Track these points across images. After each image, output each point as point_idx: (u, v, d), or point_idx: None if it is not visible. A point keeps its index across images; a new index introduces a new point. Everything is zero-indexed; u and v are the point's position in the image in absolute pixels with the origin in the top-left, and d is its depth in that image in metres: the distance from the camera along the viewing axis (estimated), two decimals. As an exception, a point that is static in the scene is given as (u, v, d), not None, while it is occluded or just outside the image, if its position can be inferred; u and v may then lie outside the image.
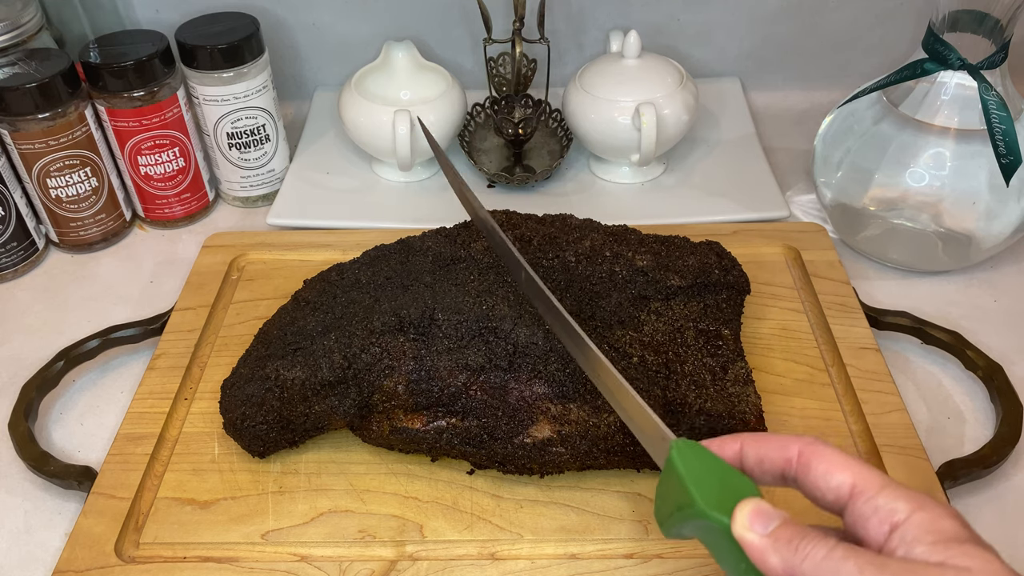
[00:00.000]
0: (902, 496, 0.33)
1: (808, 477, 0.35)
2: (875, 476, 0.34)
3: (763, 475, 0.37)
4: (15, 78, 0.64)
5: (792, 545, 0.33)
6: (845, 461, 0.35)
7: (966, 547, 0.31)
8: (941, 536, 0.32)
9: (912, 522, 0.32)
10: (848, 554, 0.31)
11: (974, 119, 0.58)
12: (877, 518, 0.33)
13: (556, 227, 0.58)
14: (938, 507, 0.33)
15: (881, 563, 0.31)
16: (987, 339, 0.60)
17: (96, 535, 0.48)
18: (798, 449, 0.36)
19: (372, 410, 0.50)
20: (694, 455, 0.36)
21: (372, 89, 0.74)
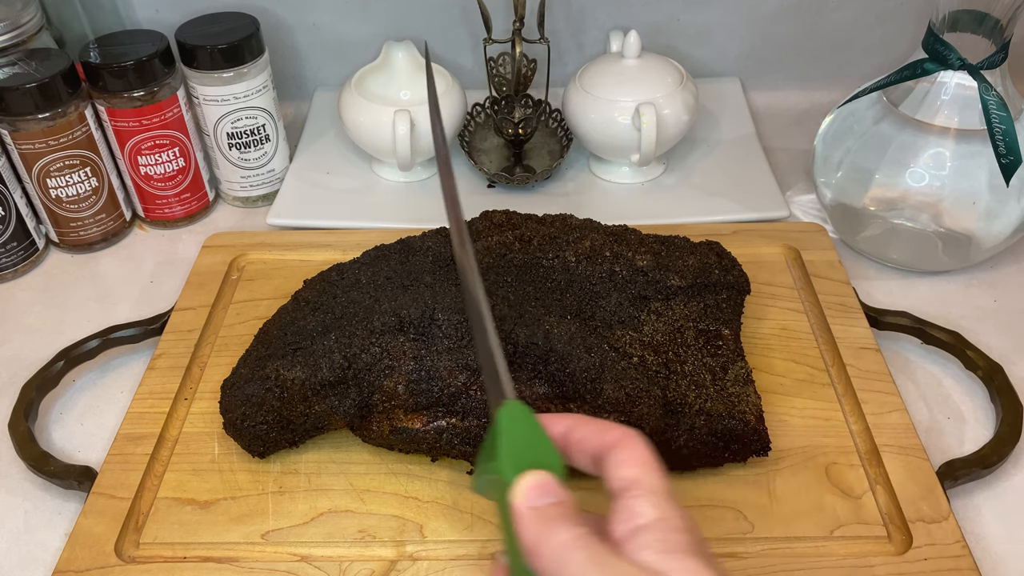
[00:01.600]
0: (655, 504, 0.34)
1: (607, 464, 0.36)
2: (653, 481, 0.35)
3: (580, 456, 0.37)
4: (15, 78, 0.64)
5: (548, 524, 0.33)
6: (641, 459, 0.35)
7: (689, 561, 0.32)
8: (671, 547, 0.32)
9: (651, 528, 0.33)
10: (584, 544, 0.32)
11: (974, 119, 0.58)
12: (627, 515, 0.34)
13: (556, 227, 0.58)
14: (681, 521, 0.34)
15: (607, 561, 0.32)
16: (987, 339, 0.60)
17: (96, 535, 0.48)
18: (615, 438, 0.36)
19: (372, 410, 0.50)
20: (520, 419, 0.36)
21: (372, 89, 0.74)
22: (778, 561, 0.46)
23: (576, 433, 0.37)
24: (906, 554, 0.46)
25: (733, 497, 0.50)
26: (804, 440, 0.53)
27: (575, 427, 0.38)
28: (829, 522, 0.48)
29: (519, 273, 0.54)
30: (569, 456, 0.38)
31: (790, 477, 0.50)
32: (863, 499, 0.49)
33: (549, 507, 0.34)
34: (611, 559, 0.32)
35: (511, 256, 0.55)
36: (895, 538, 0.47)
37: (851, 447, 0.52)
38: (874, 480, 0.50)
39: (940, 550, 0.46)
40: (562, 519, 0.33)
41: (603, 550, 0.32)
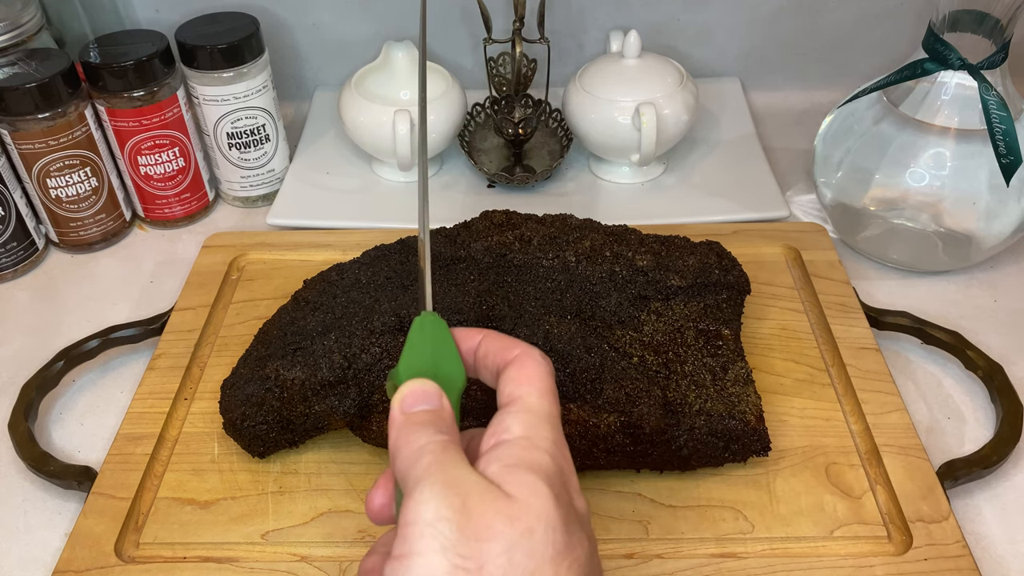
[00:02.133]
0: (524, 422, 0.33)
1: (500, 379, 0.35)
2: (532, 401, 0.34)
3: (484, 371, 0.37)
4: (15, 78, 0.64)
5: (412, 428, 0.33)
6: (529, 378, 0.35)
7: (526, 477, 0.31)
8: (517, 462, 0.31)
9: (510, 444, 0.32)
10: (434, 449, 0.32)
11: (974, 119, 0.58)
12: (496, 429, 0.33)
13: (556, 227, 0.58)
14: (544, 443, 0.32)
15: (448, 468, 0.31)
16: (987, 339, 0.60)
17: (96, 535, 0.48)
18: (514, 355, 0.36)
19: (372, 410, 0.50)
20: (431, 330, 0.37)
21: (372, 89, 0.74)
22: (778, 561, 0.46)
23: (482, 348, 0.37)
24: (906, 554, 0.46)
25: (733, 497, 0.50)
26: (804, 440, 0.53)
27: (484, 341, 0.37)
28: (829, 522, 0.48)
29: (519, 273, 0.54)
30: (477, 371, 0.37)
31: (790, 477, 0.50)
32: (863, 499, 0.49)
33: (420, 413, 0.34)
34: (454, 466, 0.31)
35: (511, 256, 0.55)
36: (895, 538, 0.47)
37: (851, 447, 0.52)
38: (874, 480, 0.50)
39: (940, 550, 0.46)
40: (427, 425, 0.33)
41: (451, 456, 0.32)
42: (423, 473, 0.31)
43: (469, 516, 0.29)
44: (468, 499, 0.30)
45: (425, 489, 0.30)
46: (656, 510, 0.49)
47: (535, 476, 0.31)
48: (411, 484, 0.31)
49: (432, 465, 0.31)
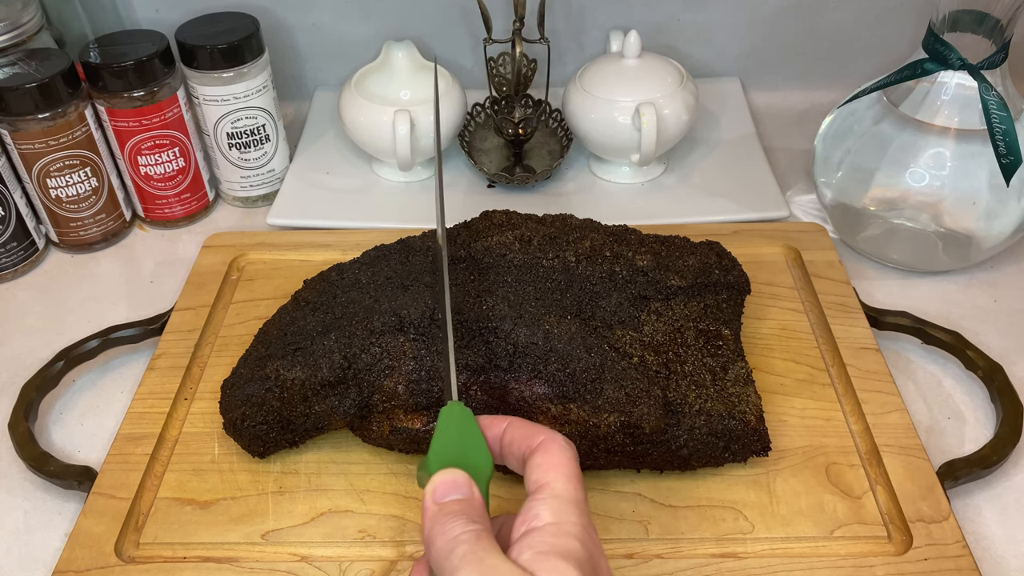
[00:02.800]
0: (553, 509, 0.34)
1: (527, 466, 0.37)
2: (559, 487, 0.35)
3: (511, 458, 0.38)
4: (15, 78, 0.64)
5: (445, 518, 0.34)
6: (556, 464, 0.36)
7: (558, 563, 0.32)
8: (549, 548, 0.33)
9: (541, 531, 0.34)
10: (468, 539, 0.33)
11: (974, 119, 0.58)
12: (526, 517, 0.35)
13: (556, 227, 0.58)
14: (575, 528, 0.34)
15: (483, 557, 0.32)
16: (987, 339, 0.60)
17: (96, 535, 0.48)
18: (539, 441, 0.37)
19: (372, 410, 0.50)
20: (458, 419, 0.39)
21: (372, 89, 0.74)
22: (778, 561, 0.46)
23: (507, 435, 0.38)
24: (906, 554, 0.46)
25: (733, 497, 0.50)
26: (804, 440, 0.53)
27: (508, 429, 0.38)
28: (829, 522, 0.48)
29: (519, 273, 0.54)
30: (504, 457, 0.39)
31: (790, 477, 0.50)
32: (863, 499, 0.49)
33: (452, 503, 0.35)
34: (488, 555, 0.32)
35: (511, 256, 0.55)
36: (895, 538, 0.47)
37: (851, 447, 0.52)
38: (874, 480, 0.50)
39: (940, 550, 0.46)
40: (459, 515, 0.34)
41: (485, 546, 0.33)
42: (459, 563, 0.32)
43: None
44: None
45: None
46: (656, 510, 0.49)
47: (566, 563, 0.32)
48: (448, 574, 0.32)
49: (468, 555, 0.32)
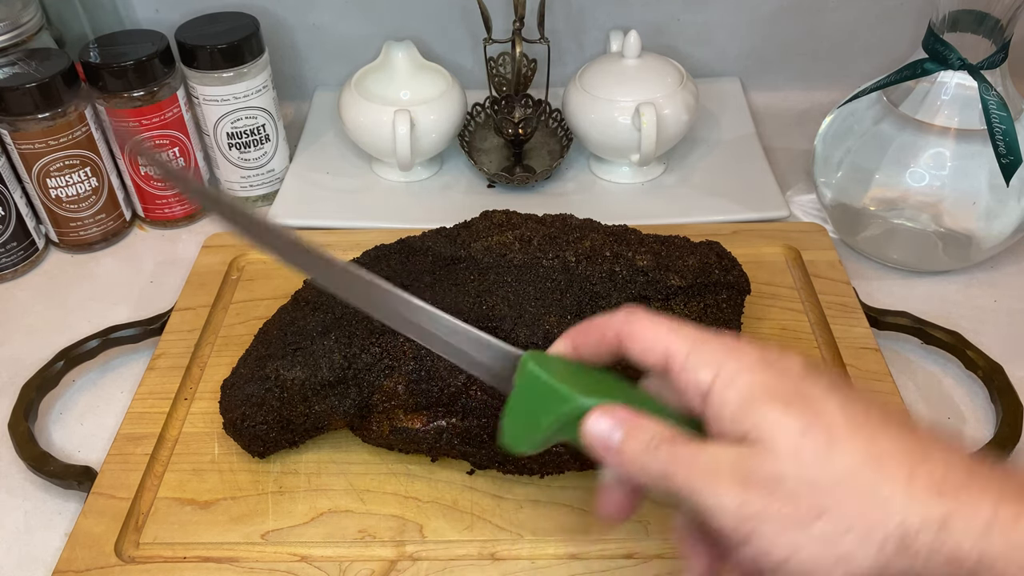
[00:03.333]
0: (705, 359, 0.31)
1: (629, 356, 0.34)
2: (682, 340, 0.32)
3: (598, 359, 0.36)
4: (15, 78, 0.64)
5: (646, 454, 0.32)
6: (655, 335, 0.33)
7: (766, 410, 0.30)
8: (741, 401, 0.30)
9: (715, 391, 0.31)
10: (682, 455, 0.31)
11: (974, 119, 0.58)
12: (690, 393, 0.32)
13: (556, 227, 0.58)
14: (745, 358, 0.31)
15: (680, 453, 0.31)
16: (987, 339, 0.60)
17: (96, 535, 0.48)
18: (615, 333, 0.34)
19: (372, 410, 0.50)
20: (547, 360, 0.36)
21: (372, 89, 0.74)
22: (778, 561, 0.46)
23: (582, 347, 0.36)
24: (906, 554, 0.46)
25: (733, 497, 0.50)
26: (804, 440, 0.52)
27: (575, 342, 0.36)
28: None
29: (519, 273, 0.54)
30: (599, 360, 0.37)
31: (790, 477, 0.50)
32: (863, 499, 0.49)
33: (632, 437, 0.33)
34: (705, 448, 0.31)
35: (511, 256, 0.55)
36: (895, 538, 0.47)
37: (851, 447, 0.52)
38: (874, 480, 0.50)
39: (940, 550, 0.46)
40: (649, 437, 0.32)
41: (683, 443, 0.31)
42: (705, 471, 0.30)
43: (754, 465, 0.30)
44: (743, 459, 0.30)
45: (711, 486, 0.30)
46: (656, 510, 0.49)
47: (771, 405, 0.30)
48: (703, 485, 0.30)
49: (677, 456, 0.31)
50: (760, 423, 0.30)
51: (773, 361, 0.31)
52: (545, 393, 0.35)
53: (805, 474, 0.29)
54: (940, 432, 0.31)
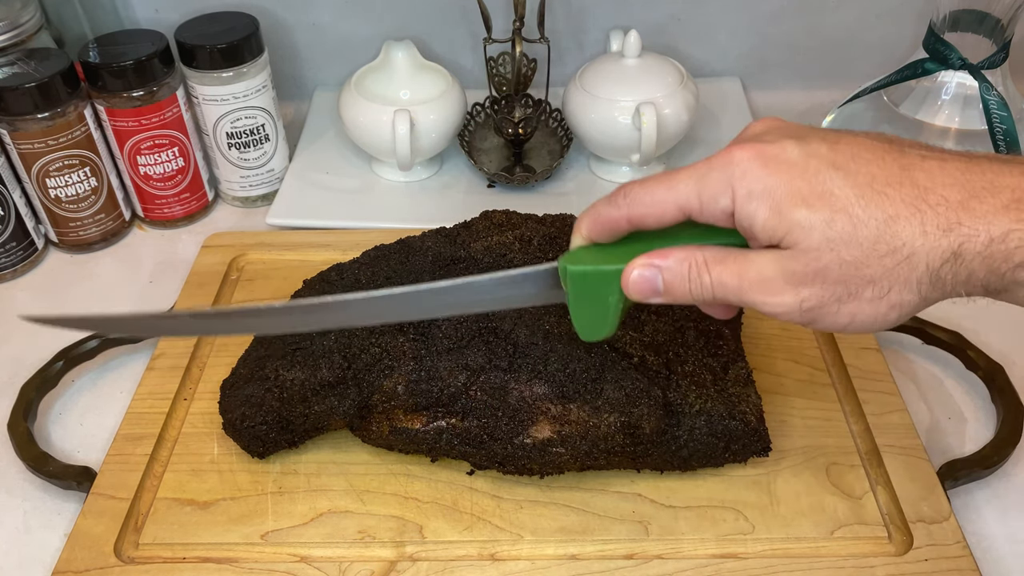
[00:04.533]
0: (715, 190, 0.35)
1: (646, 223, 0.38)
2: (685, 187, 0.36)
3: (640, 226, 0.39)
4: (15, 78, 0.63)
5: (690, 280, 0.37)
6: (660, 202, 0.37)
7: (792, 215, 0.34)
8: (767, 213, 0.34)
9: (738, 212, 0.35)
10: (707, 265, 0.36)
11: (975, 119, 0.58)
12: (722, 222, 0.36)
13: (556, 227, 0.58)
14: (746, 165, 0.35)
15: (724, 274, 0.36)
16: (988, 339, 0.60)
17: (95, 535, 0.48)
18: (624, 219, 0.38)
19: (372, 410, 0.50)
20: (580, 255, 0.39)
21: (372, 89, 0.73)
22: (778, 562, 0.46)
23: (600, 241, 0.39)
24: (906, 554, 0.46)
25: (733, 497, 0.50)
26: (805, 440, 0.52)
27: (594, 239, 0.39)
28: (829, 522, 0.48)
29: (519, 273, 0.54)
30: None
31: (791, 477, 0.50)
32: (863, 499, 0.49)
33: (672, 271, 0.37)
34: (740, 252, 0.36)
35: (511, 256, 0.55)
36: (896, 538, 0.47)
37: (852, 447, 0.52)
38: (875, 480, 0.50)
39: (941, 550, 0.46)
40: (696, 269, 0.36)
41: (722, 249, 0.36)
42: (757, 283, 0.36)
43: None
44: None
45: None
46: (656, 510, 0.49)
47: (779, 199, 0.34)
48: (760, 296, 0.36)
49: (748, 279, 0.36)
50: (792, 228, 0.34)
51: (771, 156, 0.35)
52: (597, 281, 0.38)
53: (843, 259, 0.34)
54: (929, 150, 0.35)
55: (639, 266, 0.37)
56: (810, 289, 0.35)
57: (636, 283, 0.37)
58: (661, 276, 0.37)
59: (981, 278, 0.34)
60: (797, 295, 0.35)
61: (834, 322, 0.35)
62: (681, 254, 0.37)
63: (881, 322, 0.35)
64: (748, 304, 0.36)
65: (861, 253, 0.34)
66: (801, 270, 0.34)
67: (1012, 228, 0.33)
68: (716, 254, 0.36)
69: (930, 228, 0.33)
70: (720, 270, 0.36)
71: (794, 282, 0.35)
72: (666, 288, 0.37)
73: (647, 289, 0.37)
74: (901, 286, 0.34)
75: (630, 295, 0.37)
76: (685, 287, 0.37)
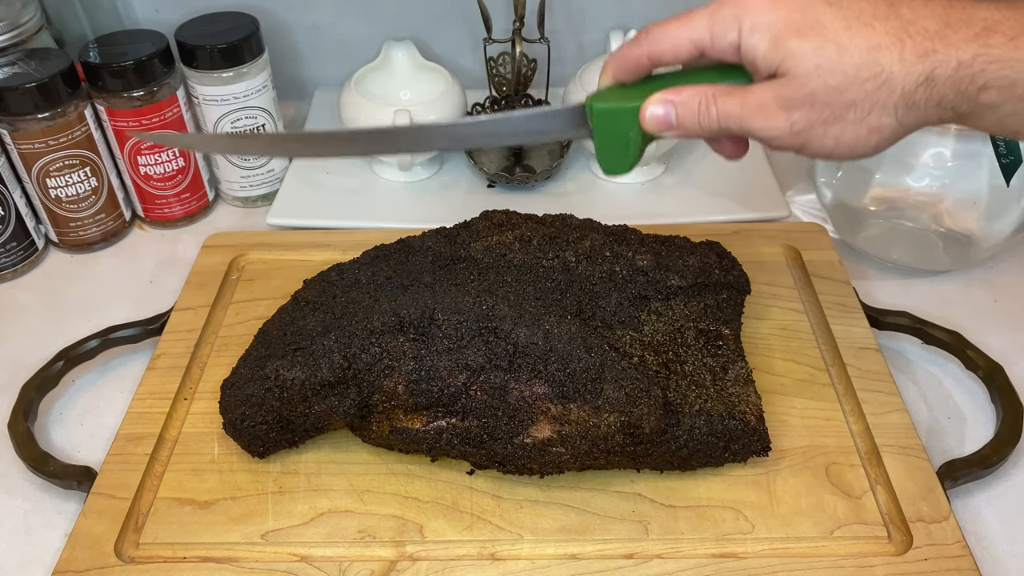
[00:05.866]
0: (724, 26, 0.39)
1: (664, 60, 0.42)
2: (697, 24, 0.40)
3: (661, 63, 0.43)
4: (15, 78, 0.63)
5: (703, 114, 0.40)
6: (674, 36, 0.41)
7: (787, 44, 0.37)
8: (767, 44, 0.38)
9: (743, 44, 0.39)
10: (713, 98, 0.40)
11: (974, 119, 0.58)
12: (729, 57, 0.40)
13: (556, 227, 0.58)
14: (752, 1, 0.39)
15: (728, 104, 0.39)
16: (987, 339, 0.60)
17: (96, 535, 0.48)
18: (646, 55, 0.41)
19: (372, 410, 0.50)
20: (606, 95, 0.43)
21: (372, 89, 0.74)
22: (778, 561, 0.46)
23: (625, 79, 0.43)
24: (906, 554, 0.46)
25: (733, 497, 0.50)
26: (804, 440, 0.53)
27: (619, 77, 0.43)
28: (829, 522, 0.48)
29: (519, 273, 0.54)
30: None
31: (790, 477, 0.50)
32: (863, 499, 0.49)
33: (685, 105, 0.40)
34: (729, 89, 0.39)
35: (511, 256, 0.55)
36: (895, 538, 0.47)
37: (851, 447, 0.52)
38: (874, 480, 0.50)
39: (940, 550, 0.46)
40: (705, 103, 0.40)
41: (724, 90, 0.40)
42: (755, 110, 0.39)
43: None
44: None
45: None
46: (656, 510, 0.49)
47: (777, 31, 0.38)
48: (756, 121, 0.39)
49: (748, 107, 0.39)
50: (785, 57, 0.37)
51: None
52: (618, 117, 0.42)
53: (829, 83, 0.37)
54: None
55: (655, 102, 0.41)
56: (799, 112, 0.38)
57: (652, 117, 0.41)
58: (675, 111, 0.40)
59: (951, 100, 0.37)
60: (788, 118, 0.38)
61: (821, 145, 0.39)
62: (692, 91, 0.40)
63: (863, 145, 0.38)
64: (747, 131, 0.40)
65: (845, 78, 0.37)
66: (792, 95, 0.38)
67: (978, 53, 0.36)
68: (723, 89, 0.40)
69: (908, 55, 0.36)
70: (724, 101, 0.40)
71: (786, 106, 0.38)
72: (679, 121, 0.41)
73: (662, 122, 0.41)
74: (880, 109, 0.37)
75: (647, 129, 0.41)
76: (695, 120, 0.40)
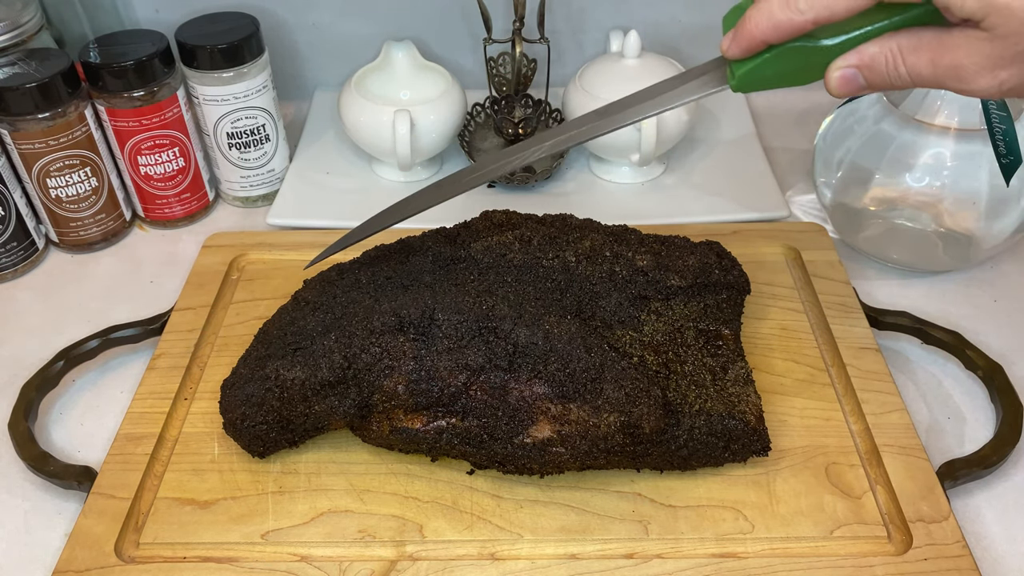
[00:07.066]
0: None
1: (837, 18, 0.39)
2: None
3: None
4: (15, 78, 0.63)
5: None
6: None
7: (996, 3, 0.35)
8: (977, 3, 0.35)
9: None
10: (903, 55, 0.38)
11: (974, 119, 0.58)
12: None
13: (556, 227, 0.58)
14: None
15: (920, 62, 0.38)
16: (987, 339, 0.60)
17: (96, 535, 0.48)
18: (812, 20, 0.38)
19: (372, 410, 0.50)
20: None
21: (372, 89, 0.74)
22: (778, 561, 0.46)
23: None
24: (906, 554, 0.46)
25: (733, 497, 0.50)
26: (804, 440, 0.53)
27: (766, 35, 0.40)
28: (829, 522, 0.48)
29: (519, 273, 0.54)
30: None
31: (790, 477, 0.51)
32: (863, 499, 0.49)
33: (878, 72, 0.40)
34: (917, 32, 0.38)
35: (511, 256, 0.55)
36: (895, 538, 0.47)
37: (851, 447, 0.52)
38: (874, 480, 0.50)
39: (940, 550, 0.46)
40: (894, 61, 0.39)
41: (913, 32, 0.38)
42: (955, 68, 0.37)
43: None
44: None
45: None
46: (656, 510, 0.49)
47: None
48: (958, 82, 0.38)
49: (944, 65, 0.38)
50: (990, 12, 0.35)
51: None
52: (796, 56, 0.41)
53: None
54: None
55: (839, 67, 0.39)
56: (1008, 71, 0.36)
57: (840, 82, 0.40)
58: (861, 74, 0.39)
59: None
60: (995, 78, 0.37)
61: (1021, 94, 0.38)
62: (874, 48, 0.39)
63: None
64: (946, 86, 0.38)
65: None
66: (999, 54, 0.36)
67: None
68: (909, 41, 0.38)
69: None
70: (914, 60, 0.38)
71: (991, 66, 0.36)
72: (868, 83, 0.40)
73: (853, 86, 0.40)
74: None
75: (837, 94, 0.40)
76: (885, 79, 0.39)
